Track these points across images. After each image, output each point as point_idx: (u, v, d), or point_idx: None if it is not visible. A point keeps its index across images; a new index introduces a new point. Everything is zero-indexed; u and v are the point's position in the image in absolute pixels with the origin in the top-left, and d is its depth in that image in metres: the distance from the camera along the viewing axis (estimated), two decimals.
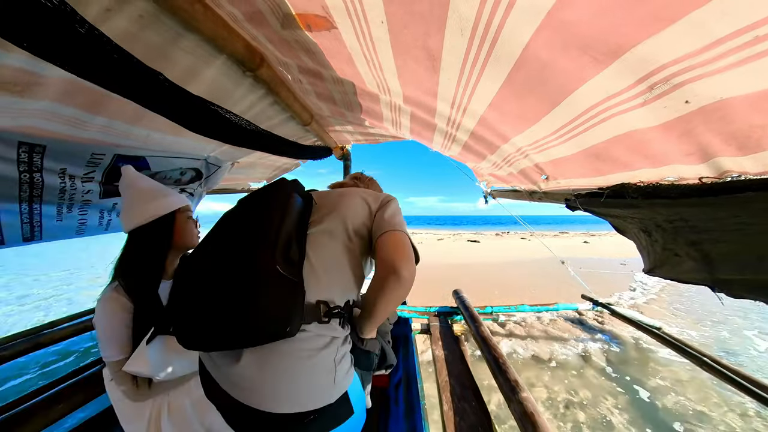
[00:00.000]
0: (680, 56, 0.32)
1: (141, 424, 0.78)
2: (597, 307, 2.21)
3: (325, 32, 0.56)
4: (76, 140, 0.83)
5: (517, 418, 0.95)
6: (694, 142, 0.40)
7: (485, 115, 0.65)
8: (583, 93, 0.43)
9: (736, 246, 0.46)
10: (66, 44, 0.41)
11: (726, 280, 0.52)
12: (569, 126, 0.53)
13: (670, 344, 1.75)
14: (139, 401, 0.79)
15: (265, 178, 2.25)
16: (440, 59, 0.49)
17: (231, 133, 0.84)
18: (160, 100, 0.60)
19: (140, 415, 0.79)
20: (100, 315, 0.76)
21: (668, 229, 0.55)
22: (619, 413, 1.90)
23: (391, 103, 0.85)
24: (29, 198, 0.89)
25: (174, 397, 0.83)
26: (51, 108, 0.68)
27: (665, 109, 0.39)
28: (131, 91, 0.56)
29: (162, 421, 0.79)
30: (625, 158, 0.52)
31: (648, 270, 0.75)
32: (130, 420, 0.80)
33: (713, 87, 0.33)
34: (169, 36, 0.59)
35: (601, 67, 0.38)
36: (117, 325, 0.76)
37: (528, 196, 1.18)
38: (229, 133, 0.83)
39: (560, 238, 13.43)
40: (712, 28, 0.28)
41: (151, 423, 0.79)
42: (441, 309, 2.12)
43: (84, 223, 1.15)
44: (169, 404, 0.81)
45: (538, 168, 0.82)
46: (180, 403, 0.82)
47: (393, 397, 1.69)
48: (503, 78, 0.48)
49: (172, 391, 0.83)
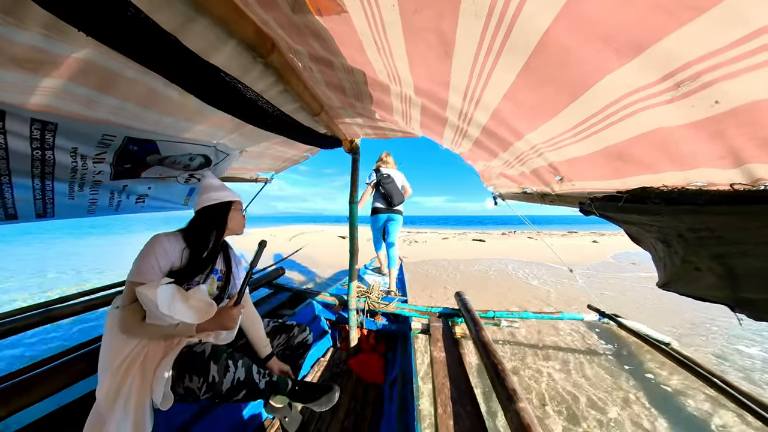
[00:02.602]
0: (710, 51, 0.29)
1: (114, 363, 0.84)
2: (603, 319, 2.14)
3: (336, 17, 0.54)
4: (87, 120, 0.84)
5: (513, 429, 0.92)
6: (726, 144, 0.37)
7: (499, 108, 0.62)
8: (605, 86, 0.40)
9: (766, 262, 0.42)
10: None
11: (750, 299, 0.48)
12: (589, 122, 0.49)
13: (679, 361, 1.67)
14: (126, 334, 0.87)
15: (273, 169, 2.26)
16: (453, 44, 0.46)
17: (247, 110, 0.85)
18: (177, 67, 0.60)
19: (119, 354, 0.85)
20: (152, 241, 0.94)
21: (691, 239, 0.51)
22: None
23: (402, 94, 0.82)
24: (42, 175, 0.91)
25: (152, 348, 0.88)
26: (63, 86, 0.69)
27: (693, 108, 0.35)
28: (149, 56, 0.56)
29: (134, 367, 0.83)
30: (648, 159, 0.48)
31: (663, 284, 0.70)
32: (109, 356, 0.86)
33: (745, 87, 0.30)
34: (180, 19, 0.58)
35: (624, 60, 0.35)
36: (159, 252, 0.93)
37: (540, 198, 1.14)
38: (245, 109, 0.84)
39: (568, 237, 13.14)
40: (749, 16, 0.24)
41: (123, 364, 0.84)
42: (443, 310, 2.10)
43: (95, 203, 1.17)
44: (146, 354, 0.87)
45: (552, 168, 0.78)
46: (153, 356, 0.87)
47: (387, 395, 1.68)
48: (520, 66, 0.45)
49: (153, 343, 0.89)
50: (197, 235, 1.06)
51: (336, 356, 2.14)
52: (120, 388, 0.80)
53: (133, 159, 1.10)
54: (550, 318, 2.16)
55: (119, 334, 0.87)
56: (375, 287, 2.38)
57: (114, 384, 0.81)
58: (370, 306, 2.17)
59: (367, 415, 1.55)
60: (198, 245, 1.04)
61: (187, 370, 0.82)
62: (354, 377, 1.88)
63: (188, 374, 0.82)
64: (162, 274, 0.93)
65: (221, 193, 1.12)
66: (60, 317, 1.78)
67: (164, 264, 0.93)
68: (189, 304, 0.93)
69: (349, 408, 1.60)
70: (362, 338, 2.18)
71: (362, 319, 2.15)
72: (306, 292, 2.46)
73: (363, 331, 2.20)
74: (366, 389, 1.77)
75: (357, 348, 2.11)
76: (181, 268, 0.98)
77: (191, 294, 0.96)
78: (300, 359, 1.35)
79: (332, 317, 2.36)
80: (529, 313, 2.12)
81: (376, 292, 2.30)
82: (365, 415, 1.55)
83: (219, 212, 1.11)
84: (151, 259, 0.91)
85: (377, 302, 2.19)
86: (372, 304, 2.18)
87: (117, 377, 0.81)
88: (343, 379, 1.86)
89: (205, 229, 1.08)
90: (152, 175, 1.29)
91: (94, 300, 1.99)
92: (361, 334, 2.19)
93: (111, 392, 0.80)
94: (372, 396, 1.71)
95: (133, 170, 1.18)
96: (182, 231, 1.05)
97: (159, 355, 0.87)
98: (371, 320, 2.20)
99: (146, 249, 0.93)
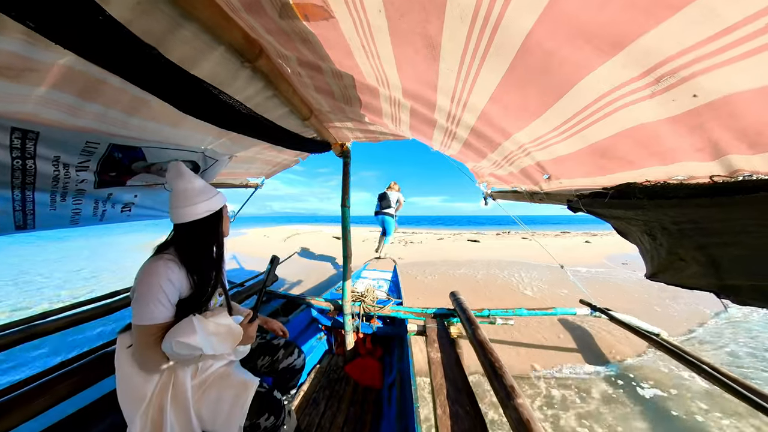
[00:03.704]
0: (687, 47, 0.30)
1: (142, 400, 0.79)
2: (595, 313, 2.18)
3: (323, 22, 0.54)
4: (70, 128, 0.82)
5: (513, 425, 0.92)
6: (705, 137, 0.38)
7: (486, 110, 0.64)
8: (588, 84, 0.41)
9: (746, 250, 0.43)
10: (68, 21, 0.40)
11: (734, 285, 0.50)
12: (574, 120, 0.51)
13: (668, 351, 1.71)
14: (150, 373, 0.82)
15: (264, 173, 2.24)
16: (440, 47, 0.47)
17: (230, 119, 0.83)
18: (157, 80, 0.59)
19: (144, 391, 0.81)
20: (150, 273, 0.81)
21: (674, 231, 0.53)
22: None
23: (391, 97, 0.83)
24: (22, 185, 0.88)
25: (179, 376, 0.84)
26: (46, 94, 0.67)
27: (674, 102, 0.37)
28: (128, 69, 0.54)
29: (165, 398, 0.80)
30: (631, 155, 0.50)
31: (650, 275, 0.72)
32: (132, 395, 0.81)
33: (721, 80, 0.31)
34: (166, 24, 0.58)
35: (605, 58, 0.36)
36: (166, 287, 0.81)
37: (529, 197, 1.16)
38: (228, 118, 0.82)
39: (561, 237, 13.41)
40: (722, 12, 0.26)
41: (153, 399, 0.80)
42: (438, 311, 2.10)
43: (78, 212, 1.14)
44: (173, 383, 0.83)
45: (539, 167, 0.80)
46: (183, 382, 0.83)
47: (386, 398, 1.67)
48: (505, 68, 0.46)
49: (179, 370, 0.84)
50: (197, 255, 0.91)
51: (333, 362, 2.11)
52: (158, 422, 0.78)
53: (118, 166, 1.07)
54: (543, 314, 2.18)
55: (140, 373, 0.82)
56: (370, 291, 2.37)
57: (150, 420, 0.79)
58: (366, 310, 2.16)
59: (366, 421, 1.54)
60: (202, 267, 0.92)
61: (267, 409, 0.90)
62: (352, 382, 1.86)
63: (268, 413, 0.90)
64: (173, 308, 0.83)
65: (209, 200, 0.95)
66: (43, 333, 1.71)
67: (173, 298, 0.83)
68: (219, 335, 0.87)
69: (348, 414, 1.59)
70: (359, 342, 2.16)
71: (358, 323, 2.13)
72: (300, 298, 2.43)
73: (359, 335, 2.18)
74: (364, 394, 1.75)
75: (354, 352, 2.09)
76: (192, 296, 0.88)
77: (213, 322, 0.88)
78: (289, 383, 1.21)
79: (328, 322, 2.34)
80: (524, 310, 2.15)
81: (371, 296, 2.29)
82: (365, 421, 1.53)
83: (212, 223, 0.95)
84: (159, 297, 0.79)
85: (372, 305, 2.18)
86: (367, 307, 2.16)
87: (150, 413, 0.79)
88: (341, 385, 1.84)
89: (202, 246, 0.94)
90: (138, 183, 1.26)
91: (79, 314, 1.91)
92: (358, 338, 2.17)
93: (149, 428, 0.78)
94: (371, 400, 1.69)
95: (118, 178, 1.15)
96: (176, 252, 0.89)
97: (186, 380, 0.85)
98: (367, 324, 2.19)
99: (148, 285, 0.79)
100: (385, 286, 3.22)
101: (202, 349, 0.77)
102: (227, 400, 0.87)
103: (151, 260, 0.84)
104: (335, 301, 2.30)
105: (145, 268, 0.82)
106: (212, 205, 0.94)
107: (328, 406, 1.65)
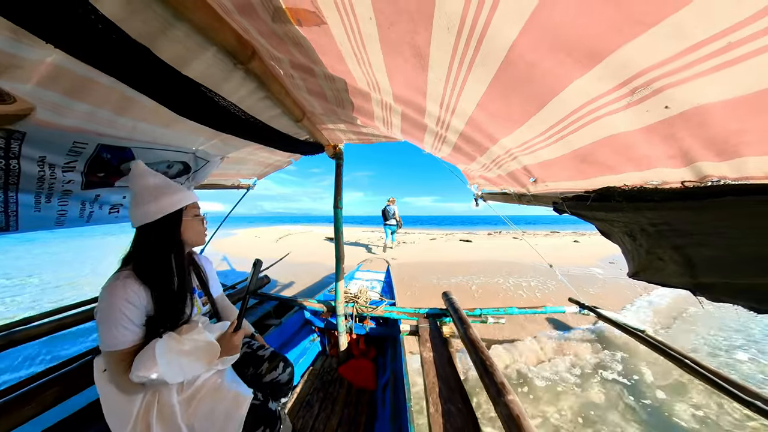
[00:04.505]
0: (659, 61, 0.32)
1: (128, 419, 0.76)
2: (583, 311, 2.24)
3: (315, 27, 0.55)
4: (57, 127, 0.80)
5: (503, 420, 0.95)
6: (676, 145, 0.41)
7: (474, 115, 0.65)
8: (569, 94, 0.43)
9: (717, 250, 0.46)
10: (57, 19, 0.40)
11: (707, 284, 0.53)
12: (557, 127, 0.53)
13: (653, 346, 1.78)
14: (131, 394, 0.78)
15: (256, 174, 2.22)
16: (428, 57, 0.49)
17: (222, 120, 0.82)
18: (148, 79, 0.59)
19: (128, 410, 0.77)
20: (108, 296, 0.75)
21: (652, 233, 0.56)
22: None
23: (382, 101, 0.84)
24: (4, 186, 0.86)
25: (163, 393, 0.81)
26: (32, 92, 0.66)
27: (648, 113, 0.39)
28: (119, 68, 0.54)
29: (151, 416, 0.77)
30: (610, 161, 0.52)
31: (632, 274, 0.76)
32: (117, 415, 0.77)
33: (690, 93, 0.34)
34: (158, 24, 0.58)
35: (584, 70, 0.38)
36: (126, 310, 0.75)
37: (517, 199, 1.19)
38: (220, 119, 0.82)
39: (551, 237, 13.67)
40: (689, 31, 0.28)
41: (139, 418, 0.77)
42: (430, 311, 2.12)
43: (64, 214, 1.11)
44: (158, 400, 0.80)
45: (526, 170, 0.82)
46: (168, 400, 0.80)
47: (380, 399, 1.68)
48: (490, 78, 0.48)
49: (163, 387, 0.81)
50: (153, 268, 0.82)
51: (326, 364, 2.11)
52: None
53: (106, 167, 1.05)
54: (534, 312, 2.23)
55: (120, 394, 0.78)
56: (363, 291, 2.38)
57: None
58: (359, 311, 2.16)
59: (360, 422, 1.54)
60: (161, 280, 0.82)
61: (263, 422, 0.91)
62: (346, 384, 1.86)
63: (263, 426, 0.90)
64: (141, 328, 0.78)
65: (163, 199, 0.83)
66: (24, 340, 1.66)
67: (137, 319, 0.77)
68: (196, 352, 0.83)
69: (343, 416, 1.59)
70: (352, 343, 2.16)
71: (351, 324, 2.14)
72: (293, 299, 2.42)
73: (352, 336, 2.19)
74: (359, 395, 1.75)
75: (347, 353, 2.09)
76: (158, 314, 0.81)
77: (189, 338, 0.83)
78: (277, 397, 1.13)
79: (321, 324, 2.33)
80: (515, 308, 2.19)
81: (364, 297, 2.30)
82: (359, 422, 1.54)
83: (167, 226, 0.85)
84: (121, 321, 0.74)
85: (365, 306, 2.18)
86: (360, 308, 2.17)
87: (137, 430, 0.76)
88: (335, 387, 1.83)
89: (157, 255, 0.84)
90: (127, 184, 1.24)
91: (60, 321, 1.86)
92: (351, 339, 2.17)
93: None
94: (365, 402, 1.70)
95: (106, 179, 1.13)
96: (133, 267, 0.82)
97: (172, 397, 0.81)
98: (360, 325, 2.19)
99: (107, 310, 0.74)
100: (378, 286, 3.23)
101: (165, 379, 0.73)
102: (220, 413, 0.83)
103: (111, 279, 0.79)
104: (328, 302, 2.30)
105: (105, 288, 0.77)
106: (164, 206, 0.83)
107: (322, 408, 1.64)
